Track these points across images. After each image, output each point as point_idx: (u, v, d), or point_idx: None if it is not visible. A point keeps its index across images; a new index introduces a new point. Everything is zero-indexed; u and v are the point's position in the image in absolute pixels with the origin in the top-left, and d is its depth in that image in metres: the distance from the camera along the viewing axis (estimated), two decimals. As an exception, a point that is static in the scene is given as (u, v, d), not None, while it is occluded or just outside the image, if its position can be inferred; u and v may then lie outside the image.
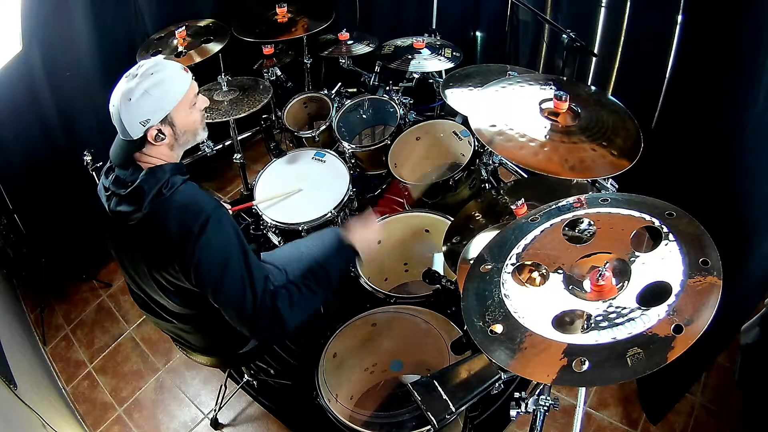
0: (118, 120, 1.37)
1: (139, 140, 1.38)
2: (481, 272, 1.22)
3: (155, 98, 1.35)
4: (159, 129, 1.38)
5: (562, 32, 2.21)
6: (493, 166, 2.47)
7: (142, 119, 1.35)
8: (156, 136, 1.39)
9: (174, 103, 1.39)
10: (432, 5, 3.19)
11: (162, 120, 1.38)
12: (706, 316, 0.93)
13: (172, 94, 1.38)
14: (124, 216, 1.39)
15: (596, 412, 2.22)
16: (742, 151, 1.91)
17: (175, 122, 1.42)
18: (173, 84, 1.39)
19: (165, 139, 1.41)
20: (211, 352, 1.83)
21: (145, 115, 1.35)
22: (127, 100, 1.34)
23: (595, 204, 1.24)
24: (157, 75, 1.36)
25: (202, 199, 1.42)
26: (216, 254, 1.38)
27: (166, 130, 1.40)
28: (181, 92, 1.40)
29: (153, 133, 1.38)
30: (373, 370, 2.06)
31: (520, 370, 1.02)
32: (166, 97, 1.37)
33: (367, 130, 2.88)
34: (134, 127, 1.36)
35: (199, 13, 3.00)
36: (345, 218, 2.45)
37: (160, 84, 1.36)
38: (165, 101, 1.37)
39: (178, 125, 1.43)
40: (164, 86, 1.37)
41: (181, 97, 1.40)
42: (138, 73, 1.36)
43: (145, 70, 1.36)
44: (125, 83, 1.36)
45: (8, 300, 2.78)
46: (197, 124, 1.49)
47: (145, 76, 1.35)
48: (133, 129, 1.36)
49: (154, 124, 1.37)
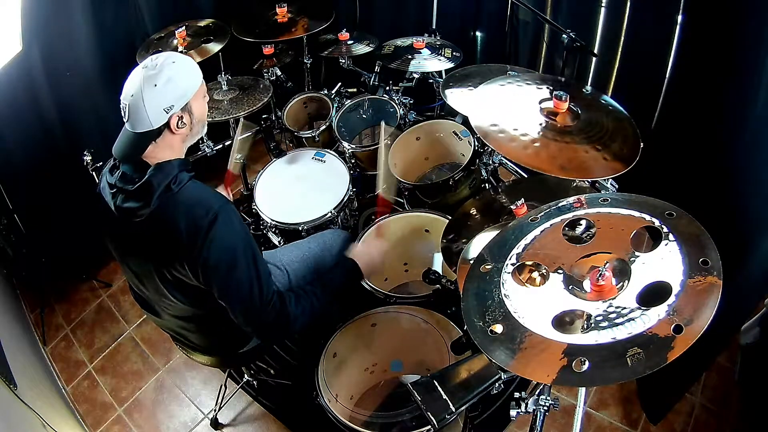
0: (137, 110, 1.37)
1: (157, 130, 1.40)
2: (481, 272, 1.22)
3: (178, 85, 1.40)
4: (180, 116, 1.42)
5: (562, 32, 2.21)
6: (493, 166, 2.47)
7: (166, 105, 1.39)
8: (178, 123, 1.42)
9: (194, 91, 1.44)
10: (432, 5, 3.18)
11: (182, 107, 1.42)
12: (706, 316, 0.93)
13: (191, 82, 1.44)
14: (130, 212, 1.39)
15: (596, 412, 2.22)
16: (742, 151, 1.91)
17: (193, 110, 1.46)
18: (191, 73, 1.45)
19: (184, 127, 1.44)
20: (212, 351, 1.83)
21: (169, 102, 1.39)
22: (152, 86, 1.36)
23: (595, 204, 1.24)
24: (178, 64, 1.41)
25: (210, 195, 1.44)
26: (224, 251, 1.39)
27: (186, 117, 1.44)
28: (198, 81, 1.46)
29: (175, 121, 1.41)
30: (373, 370, 2.06)
31: (520, 370, 1.02)
32: (188, 84, 1.43)
33: (367, 130, 2.88)
34: (157, 115, 1.38)
35: (199, 13, 3.00)
36: (345, 218, 2.46)
37: (182, 72, 1.41)
38: (188, 88, 1.43)
39: (195, 113, 1.48)
40: (186, 74, 1.42)
41: (199, 85, 1.46)
42: (158, 63, 1.39)
43: (165, 59, 1.40)
44: (144, 72, 1.38)
45: (8, 300, 2.78)
46: (205, 115, 1.55)
47: (167, 64, 1.39)
48: (156, 116, 1.38)
49: (176, 111, 1.41)
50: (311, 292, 1.61)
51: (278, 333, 1.64)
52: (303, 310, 1.55)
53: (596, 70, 2.81)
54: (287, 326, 1.52)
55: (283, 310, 1.49)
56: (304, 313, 1.55)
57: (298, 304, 1.54)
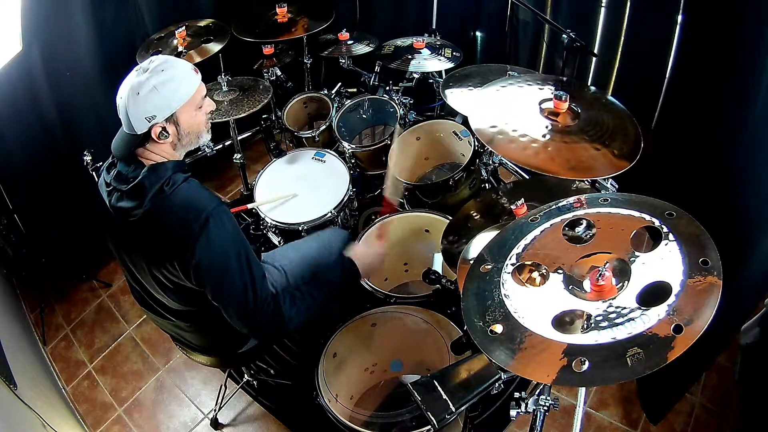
0: (124, 113, 1.37)
1: (142, 136, 1.39)
2: (481, 272, 1.22)
3: (163, 96, 1.36)
4: (163, 127, 1.39)
5: (562, 32, 2.21)
6: (493, 166, 2.47)
7: (147, 115, 1.36)
8: (160, 134, 1.39)
9: (181, 103, 1.39)
10: (432, 5, 3.18)
11: (167, 118, 1.39)
12: (706, 316, 0.93)
13: (179, 93, 1.39)
14: (124, 212, 1.39)
15: (596, 412, 2.22)
16: (742, 151, 1.91)
17: (180, 122, 1.42)
18: (182, 83, 1.39)
19: (168, 137, 1.41)
20: (211, 351, 1.83)
21: (151, 112, 1.36)
22: (135, 94, 1.34)
23: (595, 204, 1.24)
24: (167, 72, 1.36)
25: (203, 197, 1.42)
26: (216, 253, 1.38)
27: (170, 128, 1.41)
28: (189, 93, 1.41)
29: (157, 131, 1.38)
30: (373, 370, 2.06)
31: (520, 370, 1.02)
32: (173, 95, 1.38)
33: (367, 130, 2.88)
34: (139, 122, 1.37)
35: (199, 13, 3.00)
36: (345, 218, 2.45)
37: (170, 82, 1.36)
38: (172, 100, 1.38)
39: (183, 125, 1.43)
40: (173, 84, 1.37)
41: (188, 97, 1.40)
42: (149, 68, 1.36)
43: (156, 66, 1.36)
44: (135, 77, 1.36)
45: (8, 300, 2.78)
46: (201, 127, 1.50)
47: (156, 71, 1.35)
48: (138, 124, 1.37)
49: (159, 121, 1.38)
50: (307, 293, 1.60)
51: (273, 334, 1.63)
52: (298, 310, 1.54)
53: (596, 70, 2.81)
54: (282, 327, 1.51)
55: (278, 312, 1.48)
56: (299, 314, 1.55)
57: (293, 305, 1.54)
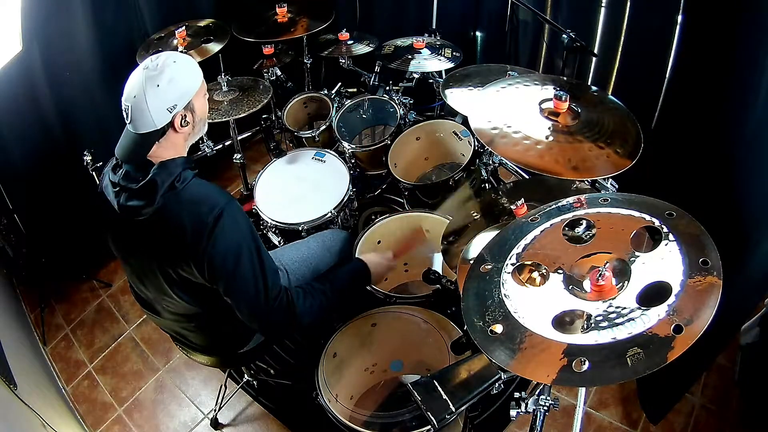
0: (140, 111, 1.38)
1: (161, 130, 1.41)
2: (481, 272, 1.22)
3: (180, 84, 1.41)
4: (183, 115, 1.43)
5: (562, 32, 2.21)
6: (493, 166, 2.47)
7: (169, 105, 1.39)
8: (182, 122, 1.43)
9: (195, 89, 1.45)
10: (432, 5, 3.18)
11: (185, 106, 1.43)
12: (706, 316, 0.93)
13: (193, 80, 1.45)
14: (134, 211, 1.40)
15: (596, 412, 2.22)
16: (743, 151, 1.91)
17: (195, 108, 1.47)
18: (192, 72, 1.46)
19: (187, 125, 1.45)
20: (212, 351, 1.83)
21: (172, 101, 1.40)
22: (155, 86, 1.37)
23: (595, 204, 1.24)
24: (178, 64, 1.42)
25: (214, 192, 1.45)
26: (230, 247, 1.40)
27: (189, 116, 1.45)
28: (199, 79, 1.47)
29: (179, 120, 1.42)
30: (373, 370, 2.06)
31: (520, 370, 1.02)
32: (190, 83, 1.44)
33: (367, 130, 2.88)
34: (161, 114, 1.39)
35: (199, 13, 3.00)
36: (345, 218, 2.45)
37: (184, 71, 1.42)
38: (189, 87, 1.44)
39: (197, 111, 1.49)
40: (186, 72, 1.44)
41: (200, 83, 1.47)
42: (158, 63, 1.40)
43: (165, 59, 1.41)
44: (146, 73, 1.39)
45: (8, 300, 2.78)
46: (206, 112, 1.56)
47: (168, 64, 1.40)
48: (159, 116, 1.39)
49: (179, 110, 1.42)
50: (320, 290, 1.61)
51: (285, 329, 1.64)
52: (311, 306, 1.55)
53: (596, 70, 2.81)
54: (294, 322, 1.52)
55: (291, 307, 1.50)
56: (312, 310, 1.56)
57: (306, 300, 1.55)
